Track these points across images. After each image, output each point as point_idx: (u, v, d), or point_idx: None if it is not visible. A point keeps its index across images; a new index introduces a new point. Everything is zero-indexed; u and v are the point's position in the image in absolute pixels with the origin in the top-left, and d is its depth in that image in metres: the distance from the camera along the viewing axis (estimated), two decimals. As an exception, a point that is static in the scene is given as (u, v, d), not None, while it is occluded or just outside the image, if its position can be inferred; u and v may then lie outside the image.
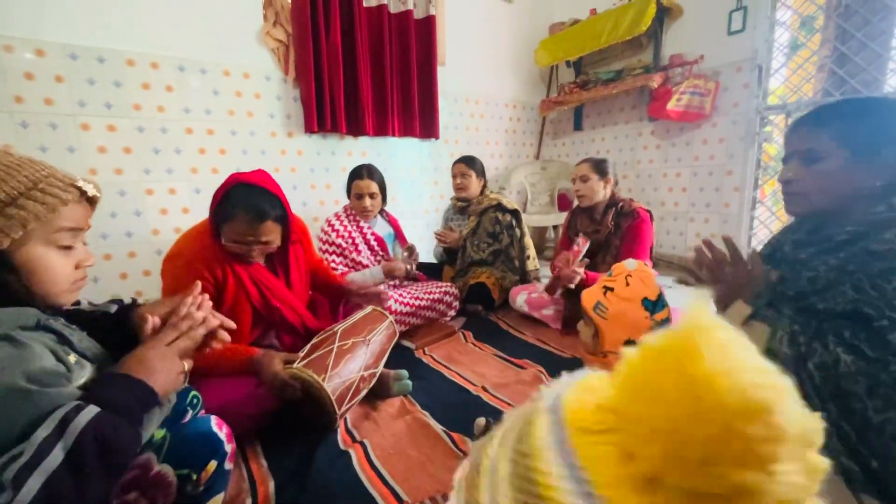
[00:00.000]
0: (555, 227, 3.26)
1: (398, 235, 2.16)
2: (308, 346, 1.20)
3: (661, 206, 2.95)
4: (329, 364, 1.12)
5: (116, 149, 1.98)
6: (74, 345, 0.64)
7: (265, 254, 1.26)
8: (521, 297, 2.03)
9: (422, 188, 3.10)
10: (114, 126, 1.96)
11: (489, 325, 2.02)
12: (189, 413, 0.87)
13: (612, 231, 1.86)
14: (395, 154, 2.90)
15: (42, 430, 0.50)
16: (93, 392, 0.57)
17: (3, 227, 0.55)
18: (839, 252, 0.75)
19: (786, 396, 0.21)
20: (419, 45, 2.77)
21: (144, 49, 1.98)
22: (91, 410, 0.53)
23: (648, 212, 1.84)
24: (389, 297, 1.67)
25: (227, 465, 0.81)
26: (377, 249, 2.02)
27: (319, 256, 1.64)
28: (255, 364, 1.12)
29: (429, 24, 2.76)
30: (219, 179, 1.21)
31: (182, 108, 2.12)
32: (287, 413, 1.16)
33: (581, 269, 1.67)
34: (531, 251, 2.29)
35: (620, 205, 1.87)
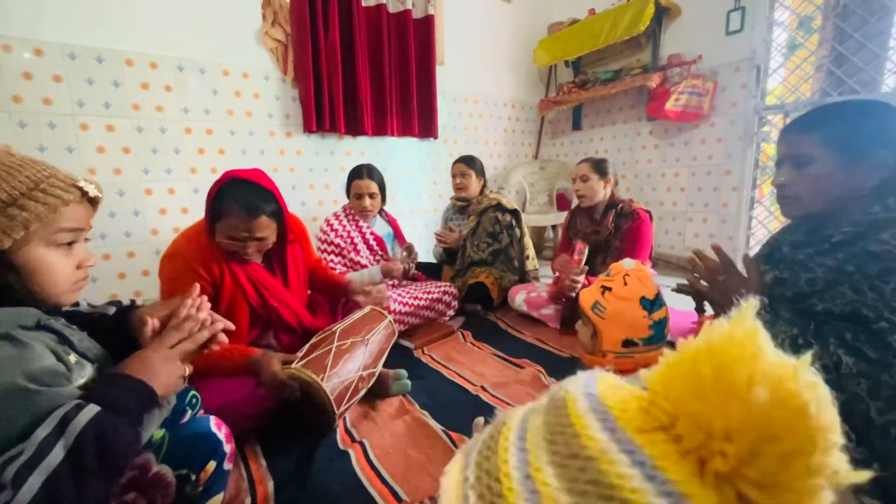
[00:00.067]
0: (553, 227, 3.26)
1: (397, 235, 2.16)
2: (306, 346, 1.20)
3: (660, 206, 2.96)
4: (328, 364, 1.12)
5: (115, 149, 1.98)
6: (74, 345, 0.64)
7: (261, 252, 1.25)
8: (520, 297, 2.04)
9: (420, 188, 3.10)
10: (112, 126, 1.96)
11: (488, 325, 2.02)
12: (188, 413, 0.87)
13: (613, 232, 1.86)
14: (394, 154, 2.90)
15: (42, 430, 0.50)
16: (93, 392, 0.58)
17: (5, 228, 0.55)
18: (837, 253, 0.76)
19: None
20: (418, 45, 2.77)
21: (143, 49, 1.98)
22: (91, 410, 0.53)
23: (648, 212, 1.85)
24: (389, 297, 1.67)
25: (227, 466, 0.81)
26: (376, 249, 2.02)
27: (318, 256, 1.64)
28: (254, 364, 1.12)
29: (427, 24, 2.76)
30: (217, 179, 1.21)
31: (181, 108, 2.11)
32: (286, 413, 1.16)
33: (581, 277, 1.67)
34: (530, 251, 2.29)
35: (620, 206, 1.87)
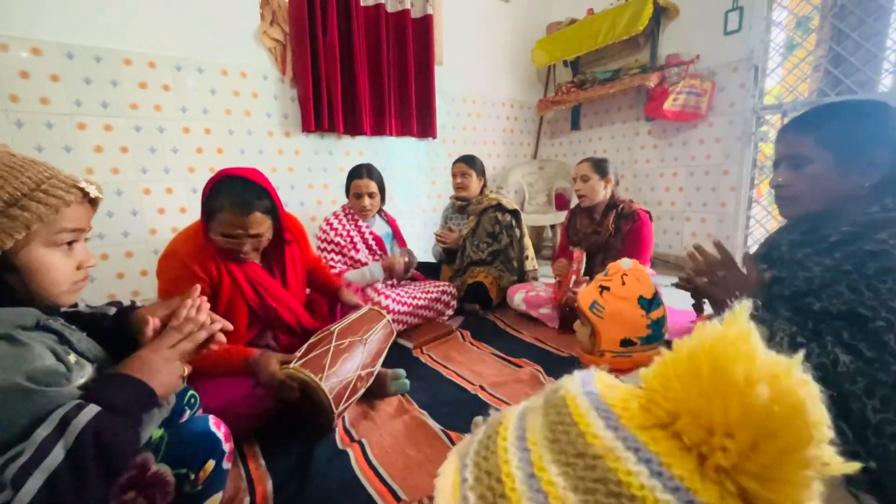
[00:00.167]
0: (552, 227, 3.26)
1: (396, 235, 2.16)
2: (305, 346, 1.20)
3: (658, 206, 2.96)
4: (326, 363, 1.12)
5: (113, 148, 1.97)
6: (74, 345, 0.64)
7: (257, 250, 1.24)
8: (519, 296, 2.04)
9: (419, 188, 3.10)
10: (110, 125, 1.95)
11: (487, 325, 2.03)
12: (187, 413, 0.87)
13: (613, 233, 1.86)
14: (393, 153, 2.90)
15: (42, 430, 0.50)
16: (93, 392, 0.58)
17: (7, 228, 0.55)
18: (834, 252, 0.76)
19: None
20: (416, 45, 2.77)
21: (141, 48, 1.98)
22: (91, 410, 0.53)
23: (648, 213, 1.85)
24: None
25: (225, 465, 0.81)
26: (375, 249, 2.02)
27: (317, 255, 1.64)
28: (252, 364, 1.12)
29: (426, 24, 2.76)
30: (216, 179, 1.21)
31: (179, 108, 2.11)
32: (285, 413, 1.16)
33: (582, 287, 1.66)
34: (530, 251, 2.29)
35: (621, 206, 1.87)
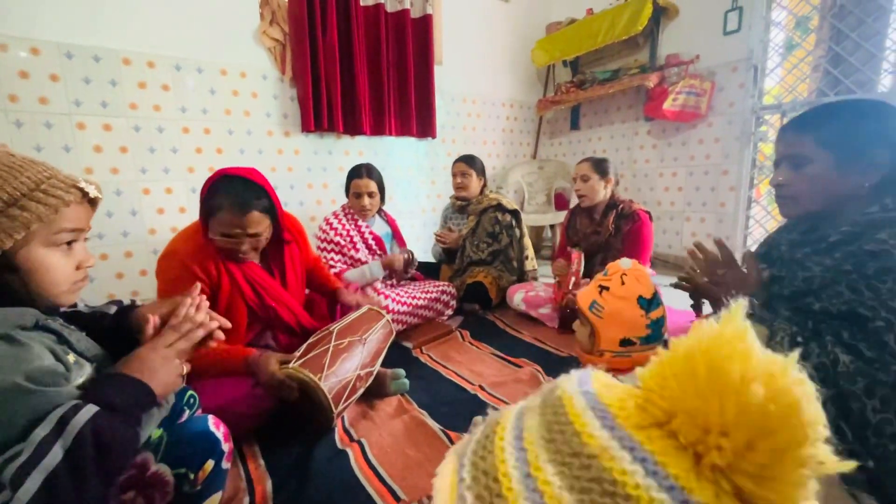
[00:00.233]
0: (552, 227, 3.26)
1: (396, 235, 2.16)
2: (304, 346, 1.20)
3: (658, 206, 2.96)
4: (325, 363, 1.12)
5: (112, 148, 1.97)
6: (73, 344, 0.64)
7: (256, 249, 1.24)
8: (519, 296, 2.04)
9: (419, 187, 3.10)
10: (110, 125, 1.95)
11: (486, 324, 2.03)
12: (186, 413, 0.87)
13: (613, 234, 1.86)
14: (392, 153, 2.90)
15: (41, 430, 0.50)
16: (91, 391, 0.58)
17: (6, 228, 0.55)
18: (834, 252, 0.76)
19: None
20: (416, 45, 2.77)
21: (140, 48, 1.98)
22: (89, 410, 0.53)
23: (648, 213, 1.85)
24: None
25: (225, 465, 0.81)
26: (375, 249, 2.02)
27: (316, 255, 1.64)
28: (252, 364, 1.12)
29: (426, 24, 2.76)
30: (216, 179, 1.21)
31: (178, 108, 2.11)
32: (284, 412, 1.16)
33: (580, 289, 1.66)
34: (530, 252, 2.29)
35: (621, 206, 1.87)
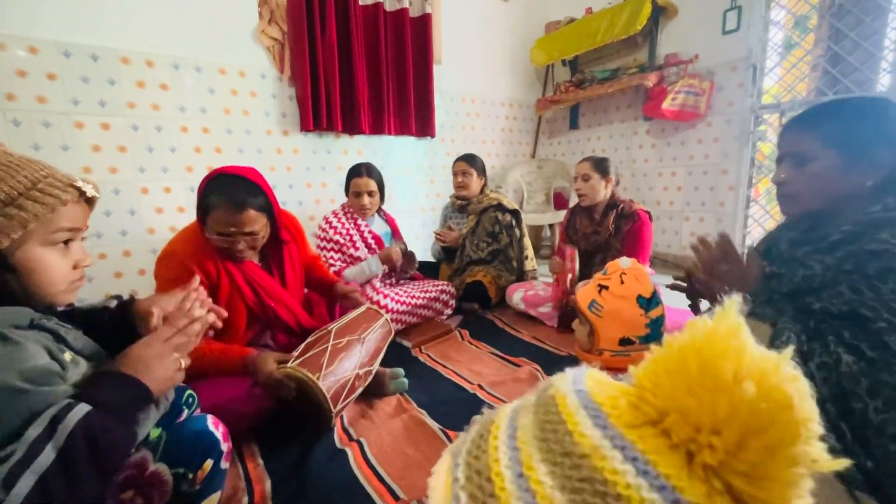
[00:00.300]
0: (550, 226, 3.26)
1: (395, 235, 2.16)
2: (302, 346, 1.19)
3: (657, 206, 2.96)
4: (324, 363, 1.11)
5: (111, 147, 1.97)
6: (69, 342, 0.64)
7: (255, 249, 1.23)
8: (518, 295, 2.04)
9: (418, 187, 3.10)
10: (108, 124, 1.95)
11: (485, 324, 2.03)
12: (185, 412, 0.87)
13: (613, 233, 1.86)
14: (391, 153, 2.90)
15: (33, 430, 0.50)
16: (85, 391, 0.57)
17: (3, 227, 0.55)
18: (835, 251, 0.75)
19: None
20: (415, 44, 2.76)
21: (139, 47, 1.97)
22: (81, 409, 0.53)
23: (648, 213, 1.84)
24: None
25: (224, 464, 0.81)
26: (374, 248, 2.02)
27: (315, 253, 1.63)
28: (249, 364, 1.12)
29: (425, 23, 2.75)
30: (215, 178, 1.20)
31: (177, 107, 2.10)
32: (283, 412, 1.16)
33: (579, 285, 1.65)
34: (530, 251, 2.29)
35: (621, 206, 1.86)
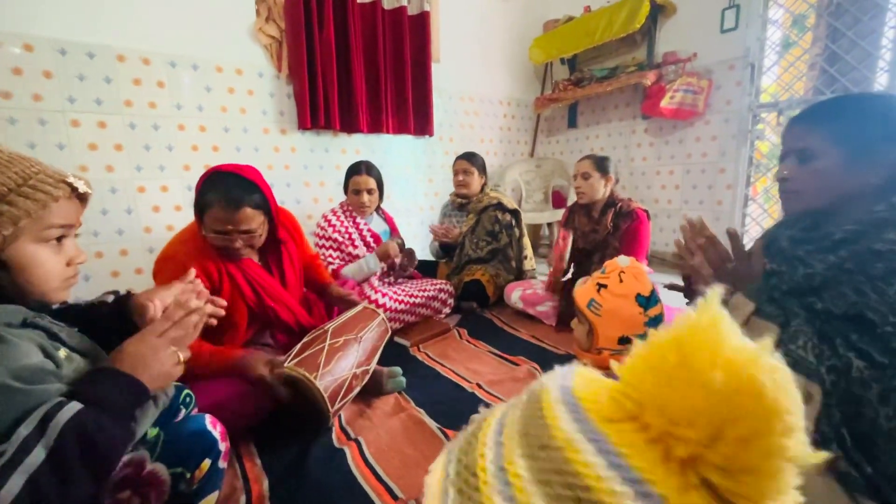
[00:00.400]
0: (549, 225, 3.26)
1: (394, 233, 2.16)
2: (299, 345, 1.19)
3: (655, 204, 2.96)
4: (321, 362, 1.11)
5: (107, 145, 1.96)
6: (64, 340, 0.63)
7: (252, 247, 1.23)
8: (516, 294, 2.04)
9: (416, 186, 3.09)
10: (104, 122, 1.94)
11: (484, 323, 2.03)
12: (182, 411, 0.86)
13: (611, 232, 1.86)
14: (390, 151, 2.89)
15: (24, 428, 0.49)
16: (77, 388, 0.56)
17: None
18: (838, 250, 0.73)
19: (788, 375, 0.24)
20: (413, 42, 2.75)
21: (135, 45, 1.96)
22: (72, 408, 0.52)
23: (646, 212, 1.85)
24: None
25: (221, 464, 0.81)
26: (373, 246, 2.01)
27: (314, 252, 1.63)
28: (241, 366, 1.11)
29: (423, 21, 2.74)
30: (212, 177, 1.20)
31: (174, 105, 2.09)
32: (281, 411, 1.16)
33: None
34: (529, 251, 2.30)
35: (620, 205, 1.86)
